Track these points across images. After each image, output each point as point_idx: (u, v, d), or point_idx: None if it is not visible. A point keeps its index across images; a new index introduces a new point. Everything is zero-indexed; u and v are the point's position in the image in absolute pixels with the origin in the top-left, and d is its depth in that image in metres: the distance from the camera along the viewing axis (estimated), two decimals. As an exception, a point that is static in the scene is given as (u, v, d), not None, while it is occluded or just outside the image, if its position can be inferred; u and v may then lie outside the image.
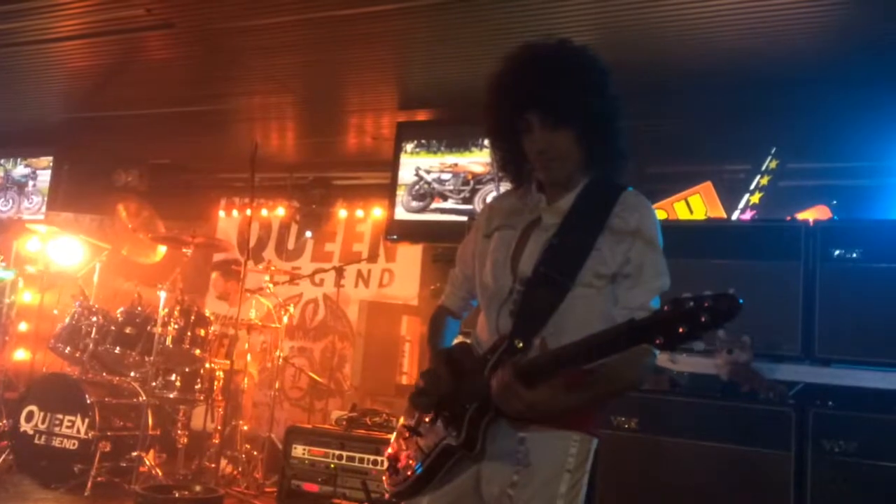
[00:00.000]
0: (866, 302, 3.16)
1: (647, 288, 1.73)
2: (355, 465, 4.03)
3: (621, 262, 1.75)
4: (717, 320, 1.29)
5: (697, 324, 1.29)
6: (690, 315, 1.30)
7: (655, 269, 1.76)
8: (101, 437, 4.58)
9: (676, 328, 1.31)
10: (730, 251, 3.46)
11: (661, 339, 1.34)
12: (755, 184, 4.60)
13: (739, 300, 1.28)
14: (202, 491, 4.14)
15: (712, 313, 1.28)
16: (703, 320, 1.29)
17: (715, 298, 1.29)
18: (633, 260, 1.74)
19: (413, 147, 5.41)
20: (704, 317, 1.29)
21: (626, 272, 1.74)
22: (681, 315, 1.31)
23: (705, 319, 1.29)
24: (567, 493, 1.72)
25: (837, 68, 4.08)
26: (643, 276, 1.74)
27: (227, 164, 7.06)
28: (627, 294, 1.74)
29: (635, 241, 1.74)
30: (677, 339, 1.33)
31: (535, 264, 1.78)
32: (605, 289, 1.76)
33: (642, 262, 1.74)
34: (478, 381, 1.75)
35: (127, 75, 5.18)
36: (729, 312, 1.28)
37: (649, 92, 4.16)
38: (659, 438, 3.29)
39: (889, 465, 2.90)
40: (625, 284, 1.74)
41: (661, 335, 1.34)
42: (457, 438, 1.73)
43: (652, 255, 1.76)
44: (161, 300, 4.93)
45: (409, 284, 6.57)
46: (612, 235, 1.75)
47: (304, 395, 6.49)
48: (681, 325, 1.31)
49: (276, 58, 4.67)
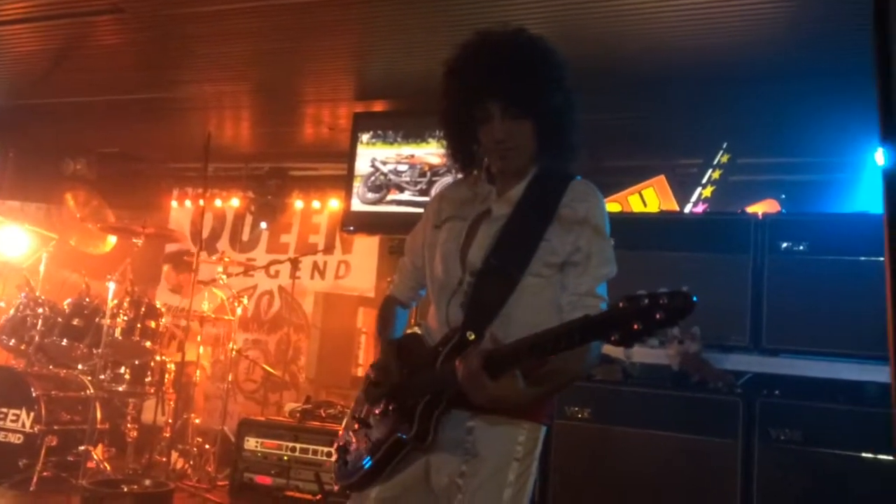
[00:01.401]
0: (812, 293, 3.24)
1: (594, 275, 1.75)
2: (309, 458, 4.00)
3: (570, 251, 1.75)
4: (672, 318, 1.29)
5: (652, 321, 1.29)
6: (645, 312, 1.30)
7: (603, 257, 1.77)
8: (48, 432, 4.47)
9: (631, 325, 1.32)
10: (682, 244, 3.51)
11: (616, 335, 1.35)
12: (707, 178, 4.67)
13: (693, 298, 1.28)
14: (152, 485, 4.06)
15: (667, 311, 1.28)
16: (658, 318, 1.29)
17: (670, 296, 1.29)
18: (582, 248, 1.75)
19: (369, 138, 5.36)
20: (659, 314, 1.28)
21: (575, 260, 1.75)
22: (636, 312, 1.31)
23: (660, 317, 1.28)
24: (515, 482, 1.73)
25: (787, 65, 4.15)
26: (591, 263, 1.75)
27: (180, 153, 6.93)
28: (575, 281, 1.75)
29: (584, 229, 1.75)
30: (632, 336, 1.33)
31: (485, 256, 1.77)
32: (554, 278, 1.77)
33: (591, 251, 1.75)
34: (429, 374, 1.75)
35: (75, 61, 5.04)
36: (683, 310, 1.28)
37: (604, 87, 4.19)
38: (611, 428, 3.33)
39: (832, 452, 2.98)
40: (573, 272, 1.75)
41: (617, 332, 1.35)
42: (408, 431, 1.72)
43: (600, 242, 1.77)
44: (110, 291, 4.82)
45: (366, 276, 6.54)
46: (561, 225, 1.76)
47: (259, 387, 6.43)
48: (636, 322, 1.31)
49: (230, 45, 4.59)
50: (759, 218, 3.47)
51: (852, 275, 3.16)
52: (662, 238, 3.57)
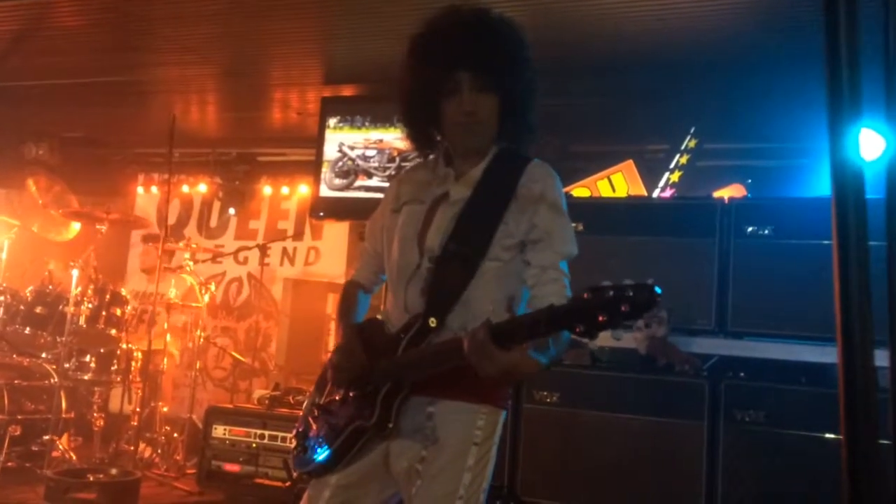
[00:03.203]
0: (777, 277, 3.28)
1: (557, 250, 1.74)
2: (277, 445, 3.97)
3: (526, 230, 1.75)
4: (637, 311, 1.29)
5: (617, 313, 1.29)
6: (611, 304, 1.30)
7: (563, 235, 1.76)
8: (11, 421, 4.40)
9: (596, 317, 1.31)
10: (650, 228, 3.55)
11: (581, 327, 1.34)
12: (675, 163, 4.70)
13: (657, 290, 1.28)
14: (118, 474, 4.01)
15: (632, 304, 1.28)
16: (623, 310, 1.28)
17: (636, 289, 1.29)
18: (539, 225, 1.75)
19: (336, 122, 5.31)
20: (624, 307, 1.28)
21: (534, 237, 1.75)
22: (601, 304, 1.31)
23: (625, 309, 1.28)
24: (474, 466, 1.73)
25: (752, 51, 4.18)
26: (552, 239, 1.74)
27: (145, 138, 6.81)
28: (538, 255, 1.74)
29: (539, 206, 1.75)
30: (597, 328, 1.33)
31: (444, 241, 1.76)
32: (514, 261, 1.76)
33: (550, 228, 1.75)
34: (391, 361, 1.74)
35: (35, 43, 4.92)
36: (648, 303, 1.28)
37: (572, 72, 4.19)
38: (579, 411, 3.36)
39: (794, 432, 3.04)
40: (534, 248, 1.75)
41: (582, 323, 1.34)
42: (369, 419, 1.71)
43: (558, 220, 1.77)
44: (74, 278, 4.74)
45: (336, 262, 6.51)
46: (518, 206, 1.76)
47: (228, 375, 6.37)
48: (601, 314, 1.30)
49: (194, 27, 4.51)
50: (726, 202, 3.51)
51: (817, 258, 3.20)
52: (630, 223, 3.60)
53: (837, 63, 0.77)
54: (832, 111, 0.78)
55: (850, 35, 0.77)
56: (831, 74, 0.78)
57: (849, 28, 0.77)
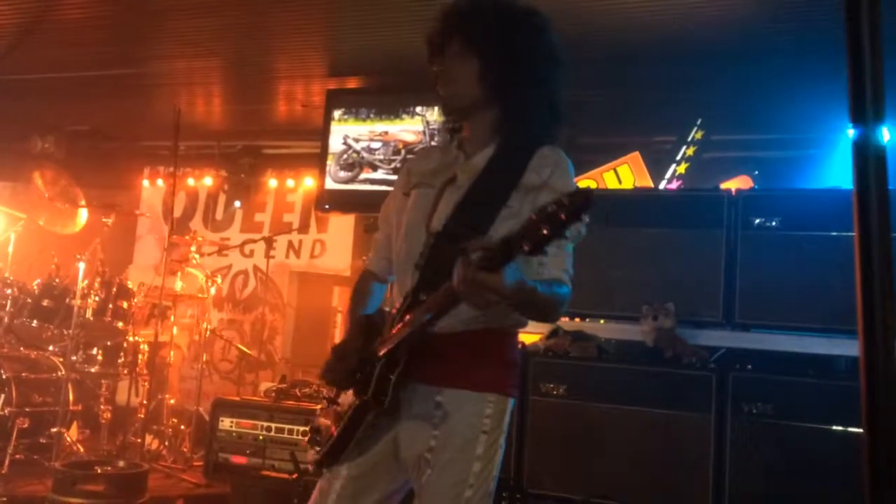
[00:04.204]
0: (784, 269, 3.26)
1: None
2: (284, 437, 3.97)
3: (528, 212, 1.74)
4: (575, 215, 1.34)
5: (558, 222, 1.34)
6: (551, 216, 1.34)
7: None
8: (19, 414, 4.42)
9: (540, 231, 1.35)
10: (656, 220, 3.52)
11: (528, 244, 1.37)
12: (681, 154, 4.69)
13: (591, 191, 1.35)
14: (126, 466, 4.03)
15: (569, 210, 1.33)
16: (563, 217, 1.33)
17: (570, 195, 1.35)
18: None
19: (341, 114, 5.29)
20: (563, 214, 1.33)
21: None
22: (543, 218, 1.35)
23: (564, 216, 1.33)
24: (484, 455, 1.74)
25: (759, 41, 4.16)
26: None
27: (151, 131, 6.82)
28: None
29: (544, 189, 1.74)
30: (542, 241, 1.37)
31: (446, 221, 1.77)
32: None
33: None
34: (383, 337, 1.75)
35: (40, 36, 4.92)
36: (584, 206, 1.33)
37: (578, 64, 4.14)
38: (586, 404, 3.35)
39: (802, 425, 3.02)
40: None
41: (527, 241, 1.37)
42: (365, 396, 1.72)
43: None
44: (80, 271, 4.75)
45: (341, 255, 6.51)
46: (524, 190, 1.76)
47: (234, 367, 6.38)
48: (543, 228, 1.35)
49: (200, 20, 4.50)
50: (733, 194, 3.48)
51: (824, 250, 3.18)
52: (637, 214, 3.58)
53: (860, 53, 0.75)
54: (855, 102, 0.76)
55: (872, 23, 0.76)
56: (853, 65, 0.76)
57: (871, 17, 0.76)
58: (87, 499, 3.64)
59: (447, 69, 1.84)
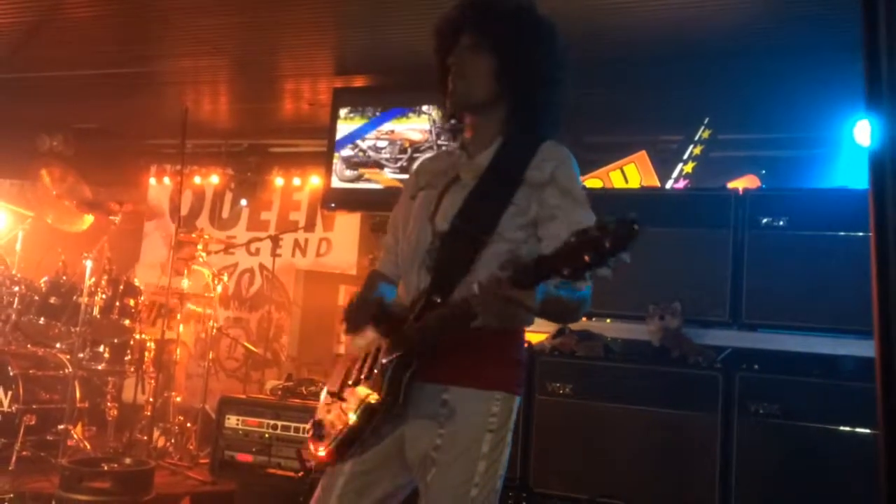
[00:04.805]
0: (791, 268, 3.25)
1: (572, 221, 1.67)
2: (290, 435, 3.98)
3: (538, 208, 1.75)
4: (620, 245, 1.31)
5: (602, 250, 1.31)
6: (594, 243, 1.32)
7: (577, 209, 1.73)
8: (26, 411, 4.43)
9: (582, 257, 1.33)
10: (663, 219, 3.51)
11: (568, 269, 1.36)
12: (688, 153, 4.67)
13: (637, 223, 1.31)
14: (132, 463, 4.04)
15: (614, 239, 1.30)
16: (607, 246, 1.31)
17: (617, 223, 1.31)
18: (549, 202, 1.74)
19: (347, 112, 5.29)
20: (608, 242, 1.30)
21: (545, 214, 1.74)
22: (585, 243, 1.33)
23: (609, 245, 1.31)
24: (490, 453, 1.74)
25: (766, 40, 4.14)
26: (566, 213, 1.72)
27: (158, 129, 6.83)
28: (550, 229, 1.72)
29: (549, 185, 1.74)
30: (583, 268, 1.35)
31: (451, 219, 1.78)
32: (530, 239, 1.76)
33: (562, 204, 1.73)
34: (397, 334, 1.75)
35: (48, 34, 4.93)
36: (630, 236, 1.30)
37: (585, 62, 4.14)
38: (592, 403, 3.34)
39: (809, 425, 3.01)
40: (547, 224, 1.73)
41: (568, 266, 1.36)
42: (377, 396, 1.72)
43: (570, 195, 1.75)
44: (87, 269, 4.76)
45: (347, 253, 6.51)
46: (529, 188, 1.76)
47: (241, 365, 6.40)
48: (585, 254, 1.32)
49: (207, 18, 4.50)
50: (740, 193, 3.48)
51: (831, 250, 3.18)
52: (643, 214, 3.51)
53: (876, 53, 0.74)
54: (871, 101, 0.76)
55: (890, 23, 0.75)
56: (869, 65, 0.75)
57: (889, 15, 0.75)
58: (93, 496, 3.65)
59: (461, 64, 1.83)
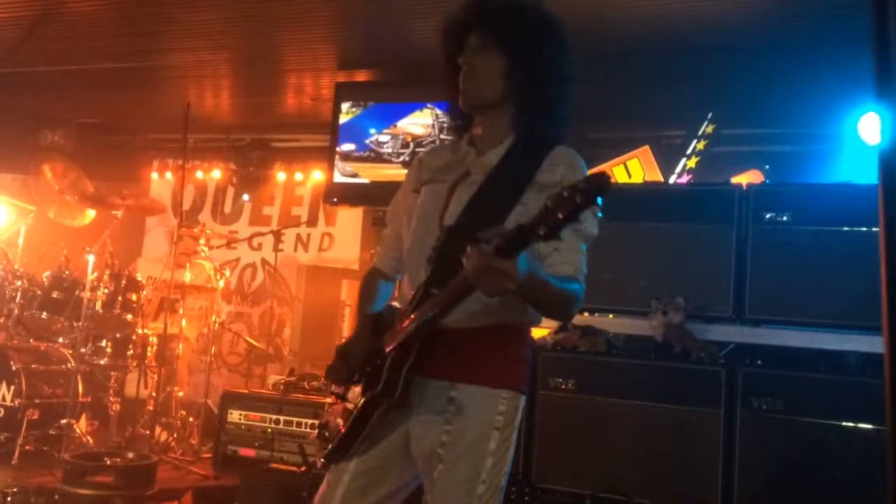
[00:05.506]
0: (795, 264, 3.24)
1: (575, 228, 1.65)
2: (292, 430, 3.99)
3: None
4: (591, 198, 1.33)
5: (573, 206, 1.34)
6: (567, 202, 1.34)
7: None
8: (29, 405, 4.44)
9: (556, 216, 1.35)
10: (666, 214, 3.50)
11: (543, 229, 1.37)
12: (692, 148, 4.66)
13: (606, 176, 1.35)
14: (135, 458, 4.04)
15: (584, 193, 1.33)
16: (579, 201, 1.33)
17: (585, 180, 1.35)
18: None
19: (349, 107, 5.28)
20: (579, 198, 1.33)
21: None
22: (559, 204, 1.35)
23: (580, 200, 1.33)
24: (496, 450, 1.73)
25: (770, 35, 4.13)
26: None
27: (160, 123, 6.83)
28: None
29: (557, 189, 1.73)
30: (558, 225, 1.37)
31: (459, 215, 1.77)
32: None
33: None
34: (394, 330, 1.74)
35: (50, 28, 4.92)
36: (600, 189, 1.33)
37: (588, 57, 4.12)
38: (595, 399, 3.34)
39: (812, 420, 3.00)
40: None
41: (543, 227, 1.37)
42: (377, 387, 1.71)
43: None
44: (90, 264, 4.76)
45: (350, 248, 6.51)
46: (539, 189, 1.74)
47: (243, 360, 6.41)
48: (560, 213, 1.35)
49: (208, 12, 4.49)
50: (744, 188, 3.46)
51: (835, 245, 3.16)
52: (647, 209, 3.56)
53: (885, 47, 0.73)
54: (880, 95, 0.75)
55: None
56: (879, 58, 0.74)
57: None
58: (96, 490, 3.66)
59: (472, 64, 1.81)
